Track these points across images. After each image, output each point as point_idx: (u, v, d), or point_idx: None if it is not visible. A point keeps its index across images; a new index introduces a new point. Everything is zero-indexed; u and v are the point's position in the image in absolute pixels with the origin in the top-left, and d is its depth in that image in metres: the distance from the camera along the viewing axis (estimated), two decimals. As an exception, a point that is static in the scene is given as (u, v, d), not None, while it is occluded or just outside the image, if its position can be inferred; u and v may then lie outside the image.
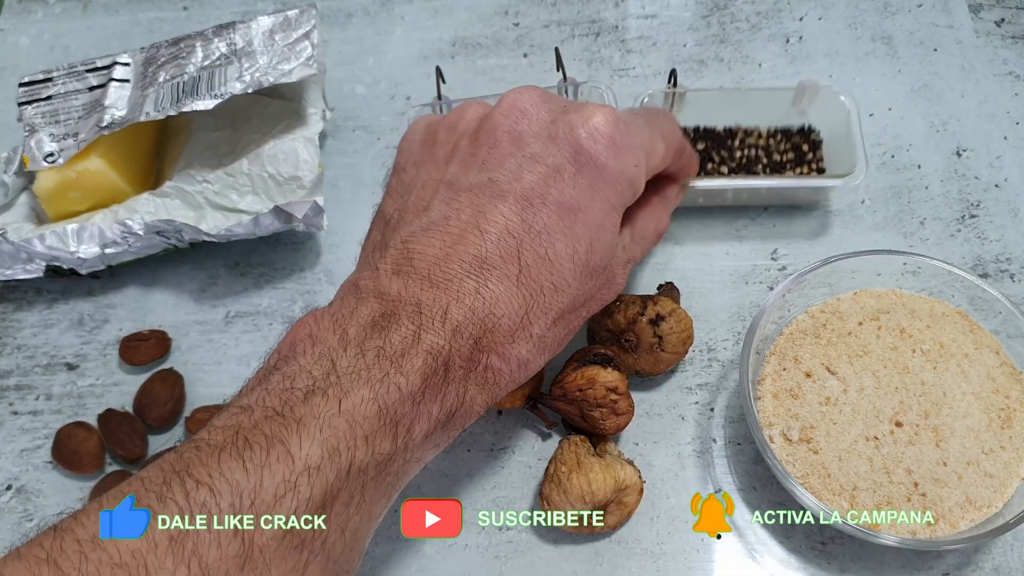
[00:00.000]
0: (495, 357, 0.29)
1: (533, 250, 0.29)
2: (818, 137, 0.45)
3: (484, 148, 0.31)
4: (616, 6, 0.54)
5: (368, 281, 0.29)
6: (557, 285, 0.29)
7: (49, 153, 0.42)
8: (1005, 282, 0.42)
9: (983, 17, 0.52)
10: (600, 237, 0.30)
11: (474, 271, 0.28)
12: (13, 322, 0.44)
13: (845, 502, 0.34)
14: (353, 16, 0.55)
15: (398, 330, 0.27)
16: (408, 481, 0.28)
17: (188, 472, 0.23)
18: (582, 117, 0.30)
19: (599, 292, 0.32)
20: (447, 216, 0.29)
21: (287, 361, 0.27)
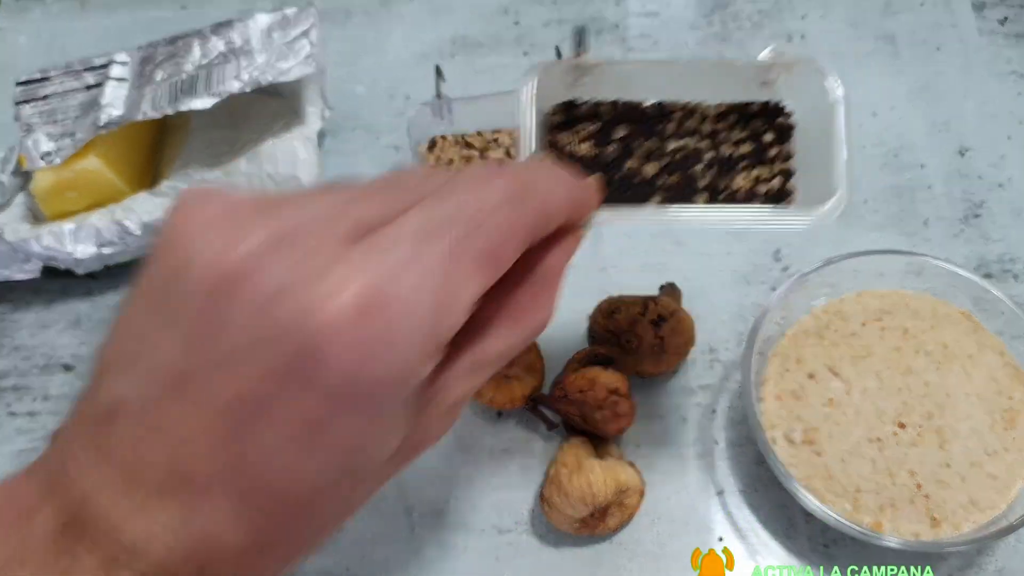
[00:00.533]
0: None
1: (258, 471, 0.20)
2: (788, 122, 0.31)
3: (178, 316, 0.21)
4: (617, 4, 0.53)
5: (58, 461, 0.21)
6: (302, 505, 0.22)
7: (46, 152, 0.42)
8: (1009, 282, 0.42)
9: (986, 16, 0.51)
10: (362, 451, 0.21)
11: (180, 486, 0.20)
12: (10, 323, 0.44)
13: (848, 504, 0.34)
14: (352, 15, 0.54)
15: (83, 559, 0.20)
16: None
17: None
18: (316, 301, 0.19)
19: (398, 463, 0.24)
20: (141, 408, 0.21)
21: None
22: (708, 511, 0.37)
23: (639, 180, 0.30)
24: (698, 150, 0.31)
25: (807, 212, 0.29)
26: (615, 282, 0.43)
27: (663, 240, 0.44)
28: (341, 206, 0.21)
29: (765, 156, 0.31)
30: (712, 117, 0.32)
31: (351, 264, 0.19)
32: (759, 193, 0.30)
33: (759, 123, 0.31)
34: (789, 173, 0.31)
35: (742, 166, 0.31)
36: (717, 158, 0.31)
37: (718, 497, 0.37)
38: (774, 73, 0.31)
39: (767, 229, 0.34)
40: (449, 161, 0.46)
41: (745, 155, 0.31)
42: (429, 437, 0.24)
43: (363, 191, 0.22)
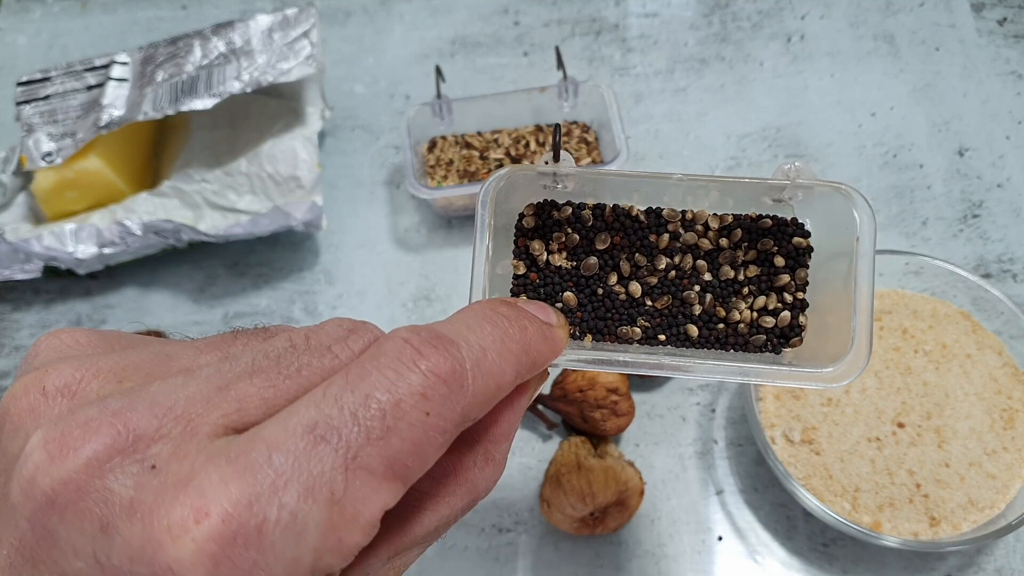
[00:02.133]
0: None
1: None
2: (804, 242, 0.26)
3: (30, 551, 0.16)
4: (617, 4, 0.53)
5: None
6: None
7: (47, 152, 0.42)
8: (1007, 282, 0.42)
9: (985, 16, 0.51)
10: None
11: None
12: (11, 322, 0.44)
13: (847, 503, 0.34)
14: (352, 15, 0.54)
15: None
16: None
17: None
18: (172, 525, 0.14)
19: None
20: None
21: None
22: (708, 510, 0.37)
23: (622, 300, 0.26)
24: (695, 270, 0.26)
25: (813, 375, 0.24)
26: (615, 282, 0.43)
27: (663, 240, 0.44)
28: (221, 385, 0.16)
29: (774, 283, 0.26)
30: (715, 230, 0.26)
31: (218, 475, 0.15)
32: (764, 327, 0.25)
33: (770, 242, 0.26)
34: (802, 305, 0.25)
35: (745, 292, 0.26)
36: (716, 281, 0.26)
37: (717, 496, 0.37)
38: (788, 193, 0.25)
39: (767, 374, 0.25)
40: (449, 161, 0.46)
41: (750, 279, 0.26)
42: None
43: (254, 361, 0.17)
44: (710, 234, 0.26)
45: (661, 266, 0.26)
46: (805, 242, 0.25)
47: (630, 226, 0.26)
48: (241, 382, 0.16)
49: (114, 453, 0.15)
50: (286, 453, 0.15)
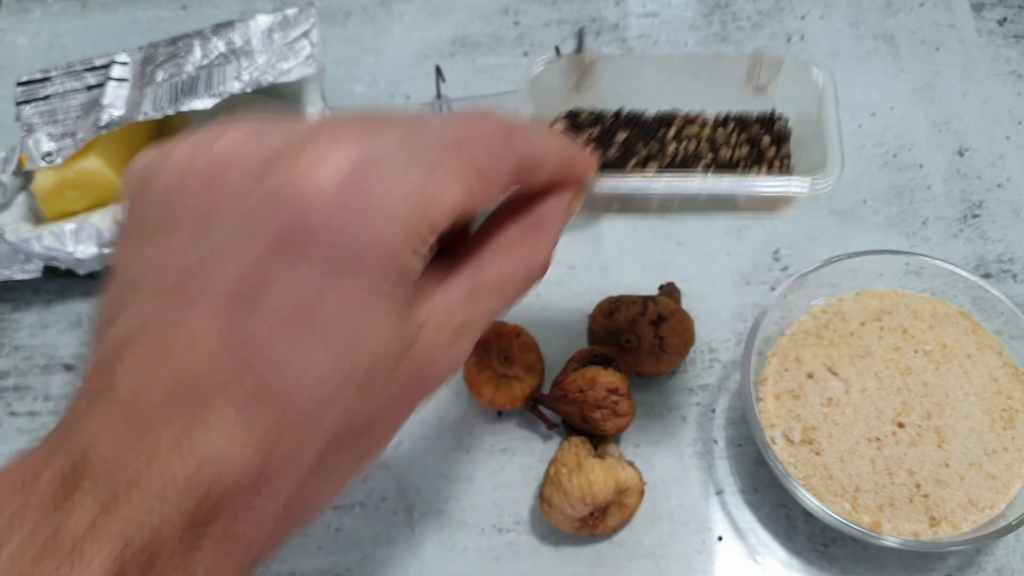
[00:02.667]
0: (230, 522, 0.20)
1: (261, 367, 0.20)
2: (785, 127, 0.33)
3: (164, 231, 0.21)
4: (617, 4, 0.54)
5: (65, 423, 0.21)
6: (308, 410, 0.21)
7: (47, 152, 0.42)
8: (1007, 282, 0.42)
9: (985, 16, 0.51)
10: (361, 331, 0.21)
11: (183, 403, 0.20)
12: (11, 323, 0.44)
13: (847, 503, 0.34)
14: (352, 15, 0.54)
15: (83, 501, 0.19)
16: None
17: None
18: (299, 170, 0.20)
19: (403, 394, 0.23)
20: (140, 327, 0.21)
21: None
22: (708, 511, 0.37)
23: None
24: (698, 153, 0.32)
25: (805, 179, 0.29)
26: (615, 282, 0.43)
27: (663, 240, 0.44)
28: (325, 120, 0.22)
29: (763, 158, 0.32)
30: (711, 124, 0.32)
31: (335, 135, 0.20)
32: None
33: (757, 128, 0.32)
34: (788, 171, 0.31)
35: (740, 167, 0.31)
36: (716, 160, 0.31)
37: (717, 497, 0.37)
38: (765, 75, 0.32)
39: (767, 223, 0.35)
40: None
41: (743, 157, 0.32)
42: (434, 365, 0.23)
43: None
44: (708, 127, 0.32)
45: (670, 151, 0.32)
46: (785, 125, 0.32)
47: (642, 125, 0.32)
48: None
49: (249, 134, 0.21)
50: (392, 134, 0.21)
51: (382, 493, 0.38)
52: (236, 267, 0.20)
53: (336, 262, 0.20)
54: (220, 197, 0.20)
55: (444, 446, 0.39)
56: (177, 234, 0.21)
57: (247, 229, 0.20)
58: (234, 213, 0.20)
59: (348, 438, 0.22)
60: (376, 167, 0.20)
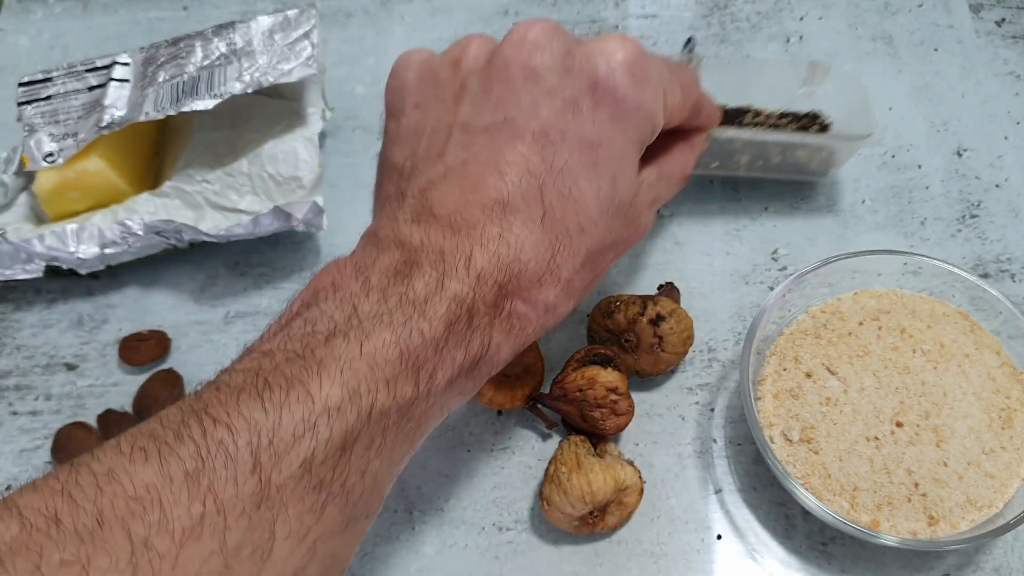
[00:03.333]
0: (520, 303, 0.28)
1: (556, 189, 0.28)
2: (827, 121, 0.44)
3: (496, 85, 0.29)
4: (616, 6, 0.54)
5: (388, 231, 0.28)
6: (583, 225, 0.29)
7: (48, 153, 0.42)
8: (1006, 282, 0.42)
9: (984, 17, 0.52)
10: (623, 172, 0.30)
11: (497, 215, 0.27)
12: (12, 322, 0.44)
13: (845, 502, 0.34)
14: (353, 16, 0.55)
15: (421, 277, 0.26)
16: (431, 428, 0.28)
17: (206, 411, 0.23)
18: (600, 48, 0.29)
19: (625, 232, 0.32)
20: (464, 160, 0.29)
21: (308, 307, 0.27)
22: (707, 509, 0.37)
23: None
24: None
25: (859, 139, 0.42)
26: (614, 282, 0.43)
27: (662, 240, 0.45)
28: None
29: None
30: (775, 117, 0.45)
31: (616, 36, 0.30)
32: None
33: (806, 121, 0.44)
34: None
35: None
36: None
37: (716, 495, 0.37)
38: (817, 78, 0.45)
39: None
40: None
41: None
42: (641, 217, 0.32)
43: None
44: (772, 118, 0.44)
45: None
46: (825, 122, 0.44)
47: (726, 112, 0.42)
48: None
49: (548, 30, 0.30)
50: (644, 52, 0.30)
51: (382, 492, 0.38)
52: (557, 105, 0.28)
53: (621, 110, 0.29)
54: (543, 62, 0.29)
55: (444, 445, 0.39)
56: (509, 84, 0.29)
57: (569, 78, 0.29)
58: (556, 71, 0.29)
59: (595, 254, 0.30)
60: (645, 61, 0.29)
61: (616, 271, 0.44)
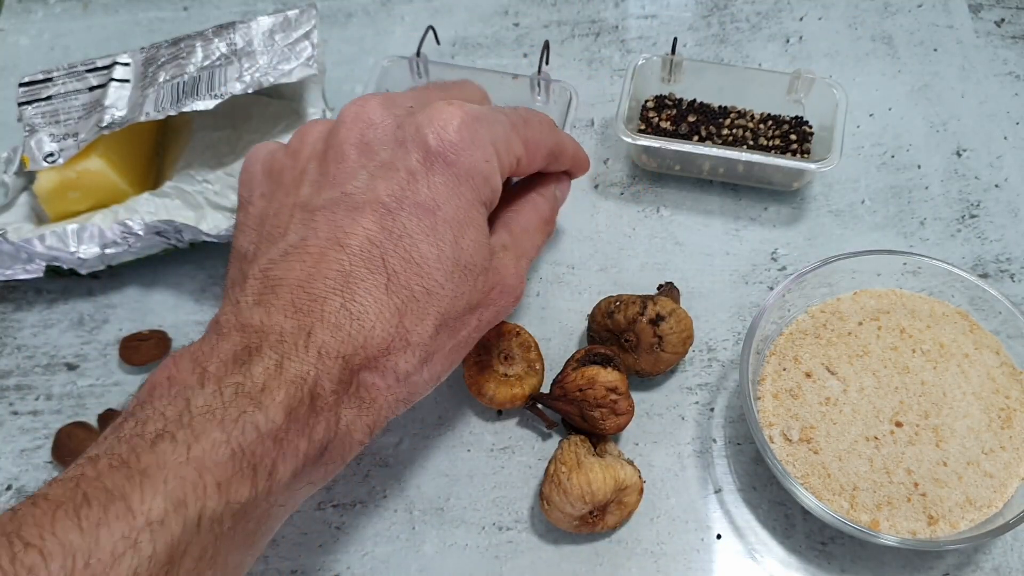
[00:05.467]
0: (369, 374, 0.27)
1: (398, 256, 0.28)
2: (809, 129, 0.45)
3: (332, 164, 0.30)
4: (616, 6, 0.54)
5: (230, 316, 0.28)
6: (429, 288, 0.29)
7: (49, 153, 0.42)
8: (1005, 282, 0.42)
9: (983, 17, 0.52)
10: (464, 233, 0.30)
11: (339, 287, 0.27)
12: (13, 322, 0.44)
13: (845, 502, 0.34)
14: (353, 16, 0.55)
15: (260, 362, 0.25)
16: (278, 525, 0.27)
17: (18, 533, 0.21)
18: (428, 117, 0.30)
19: (489, 296, 0.31)
20: (305, 237, 0.29)
21: (142, 406, 0.25)
22: (706, 509, 0.37)
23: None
24: (744, 138, 0.45)
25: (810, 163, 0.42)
26: (614, 282, 0.43)
27: (662, 240, 0.45)
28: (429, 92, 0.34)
29: (789, 148, 0.45)
30: (756, 120, 0.46)
31: (446, 100, 0.31)
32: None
33: (787, 127, 0.45)
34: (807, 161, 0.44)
35: (772, 153, 0.44)
36: (756, 145, 0.45)
37: (716, 495, 0.37)
38: (800, 85, 0.45)
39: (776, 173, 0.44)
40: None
41: (776, 146, 0.45)
42: (508, 277, 0.32)
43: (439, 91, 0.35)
44: (754, 121, 0.46)
45: (724, 133, 0.45)
46: (807, 130, 0.45)
47: (709, 112, 0.46)
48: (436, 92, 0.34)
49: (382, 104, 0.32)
50: (483, 109, 0.31)
51: (383, 491, 0.38)
52: (392, 176, 0.29)
53: (454, 174, 0.30)
54: (375, 137, 0.30)
55: (444, 445, 0.39)
56: (345, 162, 0.30)
57: (401, 149, 0.30)
58: (388, 144, 0.30)
59: (450, 318, 0.30)
60: (476, 121, 0.30)
61: (616, 271, 0.44)
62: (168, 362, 0.26)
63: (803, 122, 0.45)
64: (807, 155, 0.44)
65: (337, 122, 0.31)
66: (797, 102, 0.46)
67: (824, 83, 0.44)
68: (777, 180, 0.45)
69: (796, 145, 0.45)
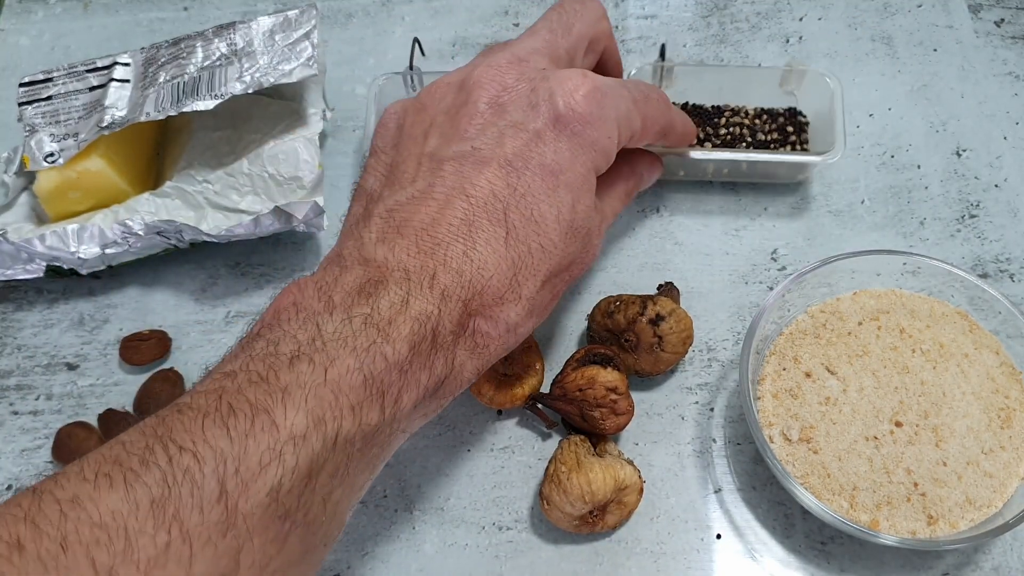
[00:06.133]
0: (484, 321, 0.29)
1: (519, 212, 0.30)
2: (804, 119, 0.46)
3: (463, 119, 0.31)
4: (616, 6, 0.54)
5: (352, 250, 0.29)
6: (544, 246, 0.30)
7: (49, 153, 0.42)
8: (1005, 282, 0.42)
9: (983, 17, 0.52)
10: (581, 198, 0.31)
11: (462, 235, 0.29)
12: (13, 322, 0.44)
13: (845, 502, 0.34)
14: (353, 16, 0.55)
15: (385, 296, 0.27)
16: (394, 451, 0.28)
17: (171, 437, 0.23)
18: (561, 85, 0.31)
19: (581, 254, 0.33)
20: (432, 184, 0.30)
21: (271, 328, 0.27)
22: (706, 509, 0.37)
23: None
24: (741, 136, 0.45)
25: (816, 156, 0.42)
26: (614, 282, 0.43)
27: (662, 240, 0.45)
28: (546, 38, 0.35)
29: (787, 141, 0.45)
30: (751, 116, 0.46)
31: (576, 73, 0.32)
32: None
33: (783, 120, 0.46)
34: (805, 152, 0.45)
35: (771, 147, 0.45)
36: (755, 141, 0.45)
37: (716, 495, 0.37)
38: (792, 77, 0.45)
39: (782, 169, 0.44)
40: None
41: (774, 140, 0.45)
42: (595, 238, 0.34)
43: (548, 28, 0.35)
44: (749, 117, 0.46)
45: (722, 133, 0.45)
46: (802, 120, 0.46)
47: (703, 113, 0.46)
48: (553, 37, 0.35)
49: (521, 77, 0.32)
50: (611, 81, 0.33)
51: (383, 491, 0.38)
52: (521, 136, 0.30)
53: (579, 143, 0.31)
54: (508, 98, 0.31)
55: (445, 444, 0.39)
56: (476, 119, 0.31)
57: (533, 112, 0.31)
58: (520, 106, 0.31)
59: (554, 275, 0.31)
60: (603, 94, 0.32)
61: (616, 271, 0.44)
62: (292, 288, 0.28)
63: (797, 113, 0.46)
64: (805, 145, 0.45)
65: (471, 81, 0.32)
66: (790, 94, 0.46)
67: (816, 74, 0.44)
68: (782, 174, 0.45)
69: (794, 136, 0.45)
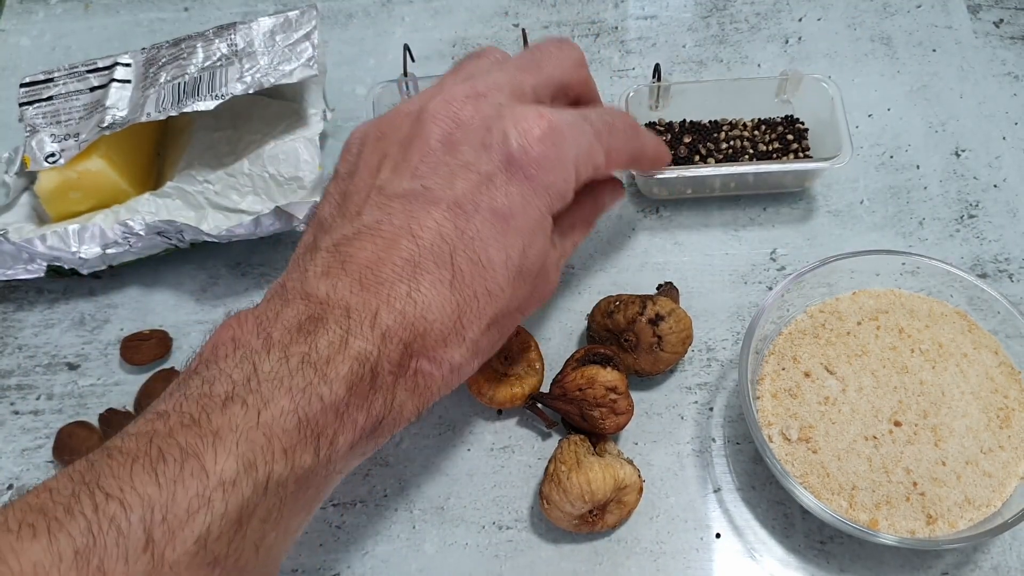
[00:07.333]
0: (425, 362, 0.28)
1: (466, 256, 0.29)
2: (803, 126, 0.45)
3: (416, 154, 0.30)
4: (616, 7, 0.54)
5: (296, 283, 0.29)
6: (491, 290, 0.29)
7: (50, 153, 0.43)
8: (1004, 282, 0.43)
9: (982, 18, 0.52)
10: (533, 242, 0.31)
11: (406, 276, 0.28)
12: (14, 322, 0.44)
13: (844, 501, 0.34)
14: (353, 17, 0.55)
15: (324, 334, 0.26)
16: (329, 493, 0.28)
17: (98, 484, 0.22)
18: (516, 124, 0.30)
19: (534, 294, 0.33)
20: (379, 221, 0.29)
21: (208, 365, 0.26)
22: (705, 508, 0.37)
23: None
24: (743, 148, 0.45)
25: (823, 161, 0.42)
26: (614, 282, 0.43)
27: (662, 240, 0.45)
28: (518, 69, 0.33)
29: (789, 149, 0.45)
30: (750, 127, 0.46)
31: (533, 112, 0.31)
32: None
33: (782, 128, 0.46)
34: (808, 158, 0.45)
35: (774, 157, 0.45)
36: (756, 152, 0.45)
37: (715, 494, 0.38)
38: (788, 85, 0.45)
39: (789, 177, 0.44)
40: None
41: (775, 149, 0.45)
42: (550, 279, 0.33)
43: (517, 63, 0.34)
44: (748, 129, 0.46)
45: (723, 147, 0.45)
46: (801, 127, 0.46)
47: (702, 129, 0.46)
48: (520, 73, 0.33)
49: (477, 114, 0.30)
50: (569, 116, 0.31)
51: (383, 490, 0.38)
52: (472, 178, 0.29)
53: (534, 187, 0.30)
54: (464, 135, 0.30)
55: (445, 444, 0.39)
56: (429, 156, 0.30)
57: (486, 153, 0.30)
58: (474, 144, 0.30)
59: (501, 317, 0.31)
60: (563, 131, 0.31)
61: (616, 271, 0.44)
62: (231, 322, 0.27)
63: (795, 120, 0.46)
64: (807, 152, 0.45)
65: (426, 114, 0.31)
66: (786, 102, 0.46)
67: (812, 79, 0.44)
68: (789, 183, 0.45)
69: (795, 144, 0.45)
